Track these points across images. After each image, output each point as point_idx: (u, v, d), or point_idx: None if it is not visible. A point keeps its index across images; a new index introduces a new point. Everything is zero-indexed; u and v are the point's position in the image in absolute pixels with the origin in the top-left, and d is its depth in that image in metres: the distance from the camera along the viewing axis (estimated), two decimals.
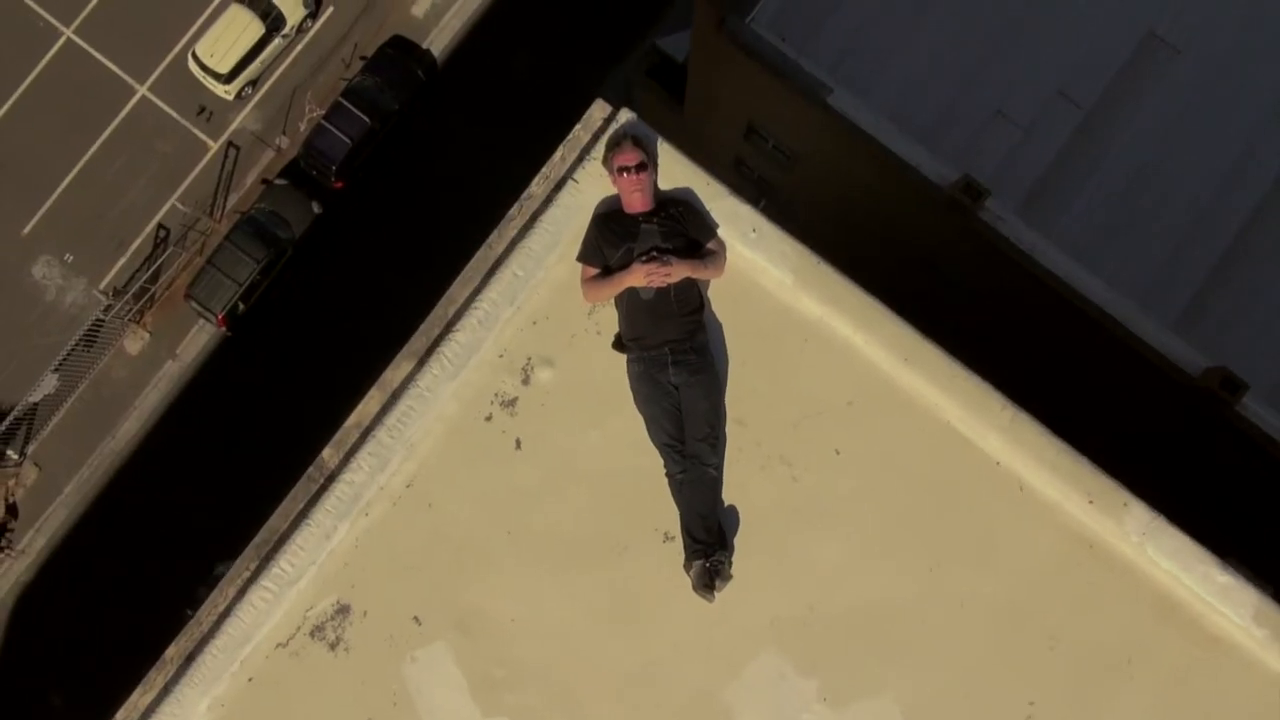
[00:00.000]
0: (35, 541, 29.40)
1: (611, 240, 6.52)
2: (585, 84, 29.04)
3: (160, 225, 29.38)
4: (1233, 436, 19.64)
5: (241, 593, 6.75)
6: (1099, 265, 20.27)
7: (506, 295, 6.70)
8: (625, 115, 6.71)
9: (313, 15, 29.25)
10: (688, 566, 6.53)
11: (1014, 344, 25.09)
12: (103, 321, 28.16)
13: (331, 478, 6.79)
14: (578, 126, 6.85)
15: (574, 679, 6.67)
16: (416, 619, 6.67)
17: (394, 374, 6.89)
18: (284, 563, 6.64)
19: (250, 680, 6.71)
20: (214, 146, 29.47)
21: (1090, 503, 6.63)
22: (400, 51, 29.40)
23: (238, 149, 29.51)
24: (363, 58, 29.42)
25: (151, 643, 25.03)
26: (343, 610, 6.73)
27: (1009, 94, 20.92)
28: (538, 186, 6.88)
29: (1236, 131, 20.85)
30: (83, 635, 28.95)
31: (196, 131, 29.47)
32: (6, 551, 29.38)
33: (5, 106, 29.26)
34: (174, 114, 29.46)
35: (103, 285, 29.20)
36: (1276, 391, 19.57)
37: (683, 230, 6.54)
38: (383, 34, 29.65)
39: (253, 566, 6.85)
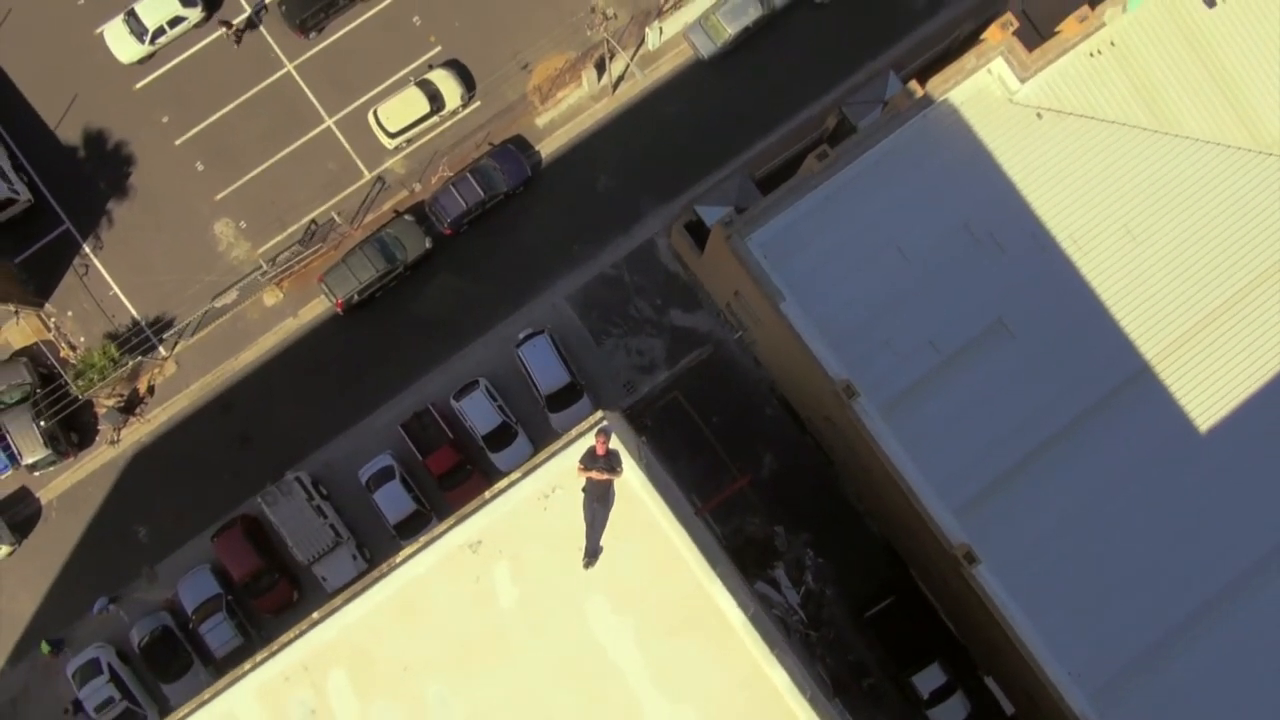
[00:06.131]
0: (159, 417, 48.04)
1: (591, 459, 25.48)
2: (646, 211, 47.49)
3: (313, 221, 48.04)
4: (972, 591, 37.99)
5: (443, 533, 25.84)
6: (921, 458, 38.63)
7: (556, 467, 26.16)
8: (605, 421, 25.67)
9: (464, 104, 47.81)
10: (584, 560, 25.63)
11: (873, 491, 44.10)
12: (259, 279, 46.78)
13: (466, 516, 25.88)
14: (594, 417, 25.79)
15: (554, 578, 25.86)
16: (501, 552, 25.82)
17: (507, 478, 25.92)
18: (466, 526, 25.78)
19: (437, 562, 25.86)
20: (367, 176, 48.14)
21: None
22: (518, 148, 47.91)
23: (383, 183, 48.16)
24: (490, 143, 47.96)
25: (221, 510, 48.27)
26: (477, 543, 25.91)
27: (897, 333, 39.44)
28: (574, 433, 25.89)
29: (1043, 391, 39.07)
30: (173, 492, 47.66)
31: (358, 161, 48.17)
32: (138, 416, 48.02)
33: (231, 106, 47.92)
34: (346, 145, 48.17)
35: (261, 251, 47.90)
36: (1004, 564, 37.90)
37: (613, 462, 25.50)
38: (509, 131, 48.23)
39: (450, 523, 25.87)
